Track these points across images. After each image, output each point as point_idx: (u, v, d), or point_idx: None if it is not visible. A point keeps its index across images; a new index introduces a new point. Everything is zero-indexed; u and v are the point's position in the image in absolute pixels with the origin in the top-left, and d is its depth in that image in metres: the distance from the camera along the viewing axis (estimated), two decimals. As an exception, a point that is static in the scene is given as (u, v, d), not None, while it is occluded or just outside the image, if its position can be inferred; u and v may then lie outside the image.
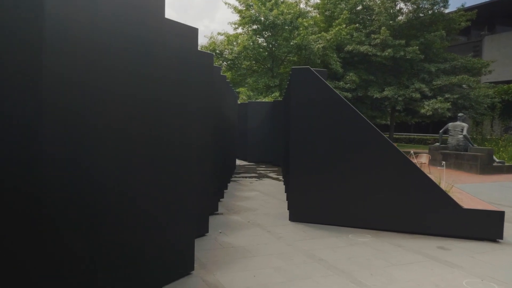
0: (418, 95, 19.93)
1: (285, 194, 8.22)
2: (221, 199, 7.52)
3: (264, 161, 15.53)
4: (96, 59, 2.62)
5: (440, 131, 15.95)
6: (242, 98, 18.42)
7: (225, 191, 8.39)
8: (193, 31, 3.89)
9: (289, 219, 6.05)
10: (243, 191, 8.83)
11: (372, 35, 21.20)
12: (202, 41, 39.36)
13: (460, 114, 15.45)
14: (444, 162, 11.55)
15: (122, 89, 2.85)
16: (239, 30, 22.82)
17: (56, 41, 2.36)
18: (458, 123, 14.97)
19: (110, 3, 2.71)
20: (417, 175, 5.40)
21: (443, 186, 6.97)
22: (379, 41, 20.68)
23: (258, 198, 7.94)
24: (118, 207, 2.88)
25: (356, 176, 5.61)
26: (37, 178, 2.32)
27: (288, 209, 6.71)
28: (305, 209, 5.93)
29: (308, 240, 5.09)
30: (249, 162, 15.74)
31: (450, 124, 15.36)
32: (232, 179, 10.78)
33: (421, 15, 22.40)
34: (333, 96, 5.76)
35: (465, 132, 14.55)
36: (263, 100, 17.55)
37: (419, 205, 5.37)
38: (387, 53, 20.23)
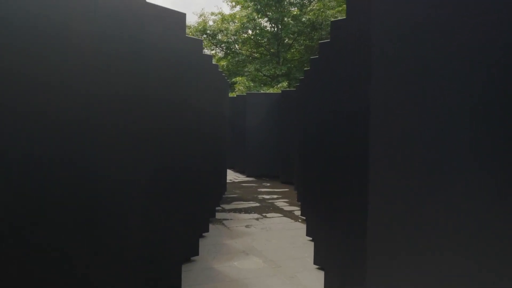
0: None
1: (317, 263, 3.93)
2: (174, 296, 3.23)
3: (269, 175, 11.25)
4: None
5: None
6: (239, 89, 14.09)
7: (193, 259, 4.09)
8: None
9: None
10: (231, 255, 4.51)
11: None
12: (190, 19, 34.78)
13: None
14: None
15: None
16: (237, 9, 18.53)
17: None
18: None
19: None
20: None
21: None
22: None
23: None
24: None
25: None
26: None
27: None
28: None
29: None
30: (247, 176, 11.44)
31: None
32: (218, 213, 6.50)
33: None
34: None
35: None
36: (268, 92, 13.24)
37: None
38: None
